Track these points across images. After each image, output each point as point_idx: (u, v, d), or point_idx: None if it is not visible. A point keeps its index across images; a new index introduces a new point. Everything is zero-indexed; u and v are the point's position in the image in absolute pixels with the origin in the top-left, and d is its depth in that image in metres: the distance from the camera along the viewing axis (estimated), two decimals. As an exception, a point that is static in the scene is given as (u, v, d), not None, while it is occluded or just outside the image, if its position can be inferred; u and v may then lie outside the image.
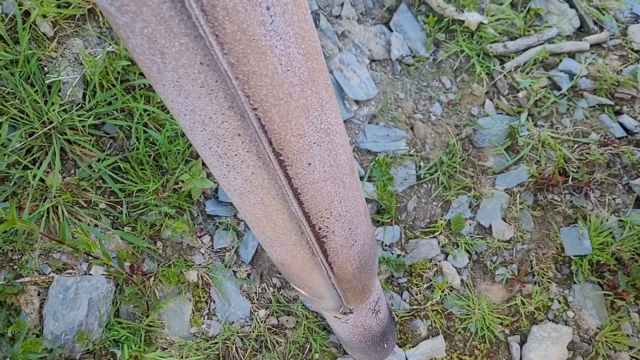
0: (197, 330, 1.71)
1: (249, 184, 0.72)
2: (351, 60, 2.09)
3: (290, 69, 0.59)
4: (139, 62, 0.57)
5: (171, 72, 0.55)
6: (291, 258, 0.92)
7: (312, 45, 0.62)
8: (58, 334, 1.56)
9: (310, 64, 0.62)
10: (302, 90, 0.62)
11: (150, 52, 0.54)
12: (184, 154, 1.76)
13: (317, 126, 0.68)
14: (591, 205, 1.94)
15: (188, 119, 0.63)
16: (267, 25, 0.53)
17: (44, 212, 1.60)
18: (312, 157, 0.71)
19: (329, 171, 0.75)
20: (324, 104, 0.68)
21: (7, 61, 1.58)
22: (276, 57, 0.56)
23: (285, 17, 0.55)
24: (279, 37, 0.55)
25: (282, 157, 0.67)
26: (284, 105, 0.61)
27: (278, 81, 0.58)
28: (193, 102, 0.59)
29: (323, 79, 0.67)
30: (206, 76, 0.55)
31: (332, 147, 0.74)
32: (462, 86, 2.18)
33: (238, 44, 0.52)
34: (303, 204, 0.76)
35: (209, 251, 1.80)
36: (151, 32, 0.51)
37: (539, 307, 1.83)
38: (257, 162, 0.68)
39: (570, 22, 2.28)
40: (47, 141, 1.63)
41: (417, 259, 1.88)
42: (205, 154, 0.70)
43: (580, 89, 2.13)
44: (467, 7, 2.21)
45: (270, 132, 0.63)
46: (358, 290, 1.11)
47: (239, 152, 0.66)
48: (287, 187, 0.72)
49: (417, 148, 2.06)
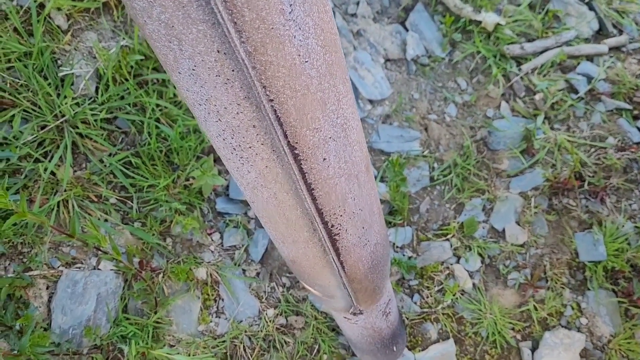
0: (205, 328, 1.69)
1: (262, 177, 0.71)
2: (366, 59, 2.07)
3: (309, 61, 0.57)
4: (155, 49, 0.56)
5: (187, 60, 0.54)
6: (303, 255, 0.91)
7: (330, 38, 0.60)
8: (66, 328, 1.55)
9: (329, 56, 0.61)
10: (319, 82, 0.61)
11: (167, 39, 0.53)
12: (195, 150, 1.75)
13: (334, 120, 0.67)
14: (607, 210, 1.91)
15: (203, 109, 0.61)
16: (287, 14, 0.52)
17: (55, 205, 1.60)
18: (327, 152, 0.69)
19: (344, 167, 0.73)
20: (341, 98, 0.67)
21: (20, 53, 1.58)
22: (294, 48, 0.55)
23: (305, 6, 0.53)
24: (298, 27, 0.54)
25: (297, 150, 0.65)
26: (300, 98, 0.60)
27: (295, 73, 0.57)
28: (209, 91, 0.57)
29: (341, 72, 0.65)
30: (223, 65, 0.53)
31: (348, 142, 0.72)
32: (478, 87, 2.15)
33: (256, 33, 0.51)
34: (316, 200, 0.75)
35: (218, 249, 1.79)
36: (169, 17, 0.50)
37: (552, 313, 1.80)
38: (272, 155, 0.66)
39: (589, 24, 2.25)
40: (59, 134, 1.62)
41: (428, 262, 1.85)
42: (219, 146, 0.69)
43: (598, 93, 2.10)
44: (484, 7, 2.19)
45: (285, 125, 0.61)
46: (369, 291, 1.09)
47: (254, 144, 0.64)
48: (301, 181, 0.71)
49: (431, 149, 2.04)
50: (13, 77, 1.58)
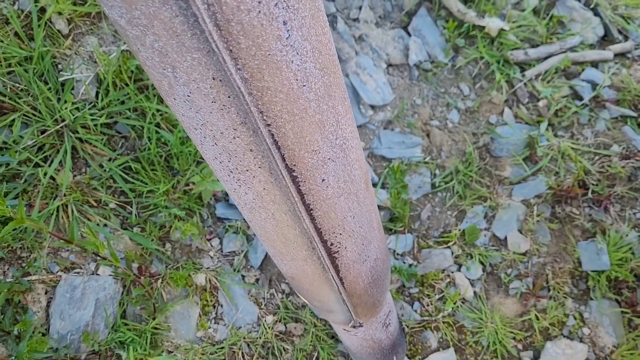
0: (204, 335, 1.69)
1: (260, 199, 0.70)
2: (368, 64, 2.06)
3: (307, 85, 0.56)
4: (149, 74, 0.55)
5: (182, 87, 0.53)
6: (301, 272, 0.90)
7: (329, 59, 0.59)
8: (64, 333, 1.55)
9: (327, 78, 0.60)
10: (317, 105, 0.60)
11: (161, 66, 0.52)
12: (195, 155, 1.74)
13: (333, 142, 0.66)
14: (611, 219, 1.89)
15: (199, 133, 0.61)
16: (284, 40, 0.51)
17: (54, 210, 1.59)
18: (326, 173, 0.68)
19: (343, 187, 0.73)
20: (340, 118, 0.66)
21: (21, 58, 1.58)
22: (292, 73, 0.54)
23: (303, 31, 0.52)
24: (295, 52, 0.53)
25: (295, 173, 0.65)
26: (298, 121, 0.59)
27: (293, 97, 0.56)
28: (204, 117, 0.57)
29: (340, 93, 0.64)
30: (218, 91, 0.53)
31: (347, 162, 0.71)
32: (481, 93, 2.14)
33: (252, 60, 0.50)
34: (315, 220, 0.74)
35: (217, 254, 1.78)
36: (162, 46, 0.49)
37: (554, 322, 1.78)
38: (269, 178, 0.65)
39: (594, 30, 2.23)
40: (58, 139, 1.62)
41: (429, 269, 1.84)
42: (215, 168, 0.68)
43: (602, 100, 2.08)
44: (488, 12, 2.17)
45: (283, 148, 0.61)
46: (369, 305, 1.08)
47: (251, 167, 0.64)
48: (300, 203, 0.70)
49: (433, 155, 2.02)
50: (13, 81, 1.58)
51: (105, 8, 0.49)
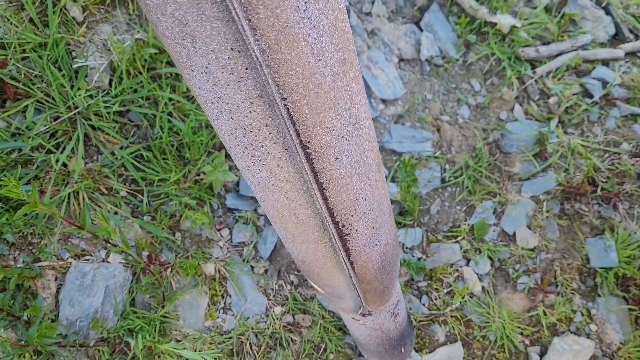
0: (212, 324, 1.69)
1: (273, 176, 0.70)
2: (380, 58, 2.06)
3: (322, 59, 0.57)
4: (168, 46, 0.55)
5: (201, 58, 0.54)
6: (312, 255, 0.90)
7: (344, 36, 0.60)
8: (73, 320, 1.55)
9: (342, 54, 0.60)
10: (332, 81, 0.60)
11: (180, 36, 0.52)
12: (207, 145, 1.75)
13: (346, 120, 0.66)
14: (619, 216, 1.89)
15: (215, 107, 0.61)
16: (301, 11, 0.51)
17: (65, 197, 1.60)
18: (339, 152, 0.68)
19: (355, 167, 0.73)
20: (354, 97, 0.66)
21: (36, 44, 1.58)
22: (308, 46, 0.54)
23: (320, 4, 0.53)
24: (312, 24, 0.53)
25: (309, 150, 0.65)
26: (313, 96, 0.59)
27: (309, 71, 0.56)
28: (221, 89, 0.57)
29: (354, 71, 0.65)
30: (236, 62, 0.53)
31: (360, 142, 0.71)
32: (492, 90, 2.14)
33: (271, 30, 0.50)
34: (328, 200, 0.74)
35: (227, 245, 1.78)
36: (183, 14, 0.49)
37: (561, 318, 1.79)
38: (284, 155, 0.66)
39: (605, 29, 2.23)
40: (71, 126, 1.62)
41: (438, 263, 1.84)
42: (230, 144, 0.68)
43: (613, 98, 2.08)
44: (500, 9, 2.17)
45: (298, 124, 0.61)
46: (379, 292, 1.09)
47: (266, 143, 0.64)
48: (313, 181, 0.70)
49: (443, 150, 2.02)
50: (27, 67, 1.58)
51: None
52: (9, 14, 1.56)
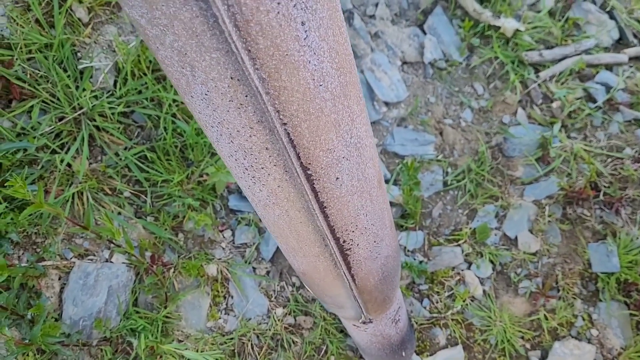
0: (214, 325, 1.70)
1: (274, 196, 0.71)
2: (383, 61, 2.07)
3: (323, 84, 0.57)
4: (167, 73, 0.56)
5: (200, 85, 0.54)
6: (313, 269, 0.91)
7: (345, 59, 0.60)
8: (76, 319, 1.56)
9: (343, 77, 0.60)
10: (333, 105, 0.60)
11: (179, 65, 0.52)
12: (210, 147, 1.75)
13: (347, 140, 0.66)
14: (621, 222, 1.89)
15: (215, 130, 0.61)
16: (302, 40, 0.51)
17: (69, 197, 1.61)
18: (340, 172, 0.69)
19: (356, 185, 0.73)
20: (355, 117, 0.66)
21: (41, 45, 1.59)
22: (309, 73, 0.54)
23: (320, 31, 0.53)
24: (312, 52, 0.53)
25: (310, 171, 0.65)
26: (314, 120, 0.59)
27: (310, 96, 0.56)
28: (221, 115, 0.57)
29: (355, 92, 0.65)
30: (236, 90, 0.53)
31: (361, 160, 0.72)
32: (495, 93, 2.14)
33: (270, 60, 0.50)
34: (328, 218, 0.75)
35: (229, 246, 1.79)
36: (182, 45, 0.49)
37: (563, 323, 1.79)
38: (284, 176, 0.66)
39: (609, 33, 2.23)
40: (76, 126, 1.63)
41: (439, 267, 1.85)
42: (231, 165, 0.68)
43: (616, 103, 2.08)
44: (503, 13, 2.17)
45: (299, 147, 0.61)
46: (379, 302, 1.09)
47: (266, 165, 0.64)
48: (314, 201, 0.70)
49: (445, 154, 2.03)
50: (33, 68, 1.59)
51: (125, 7, 0.49)
52: (16, 14, 1.57)
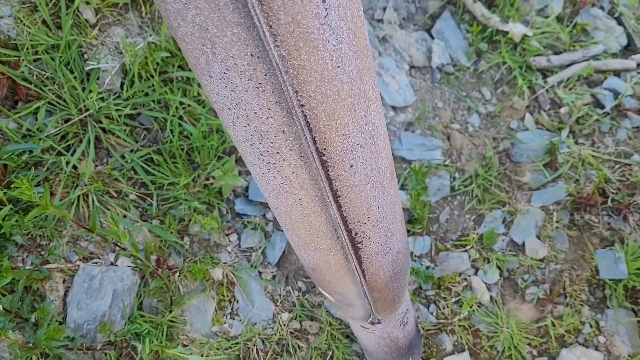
0: (219, 329, 1.68)
1: (288, 183, 0.70)
2: (391, 65, 2.06)
3: (341, 66, 0.57)
4: (186, 52, 0.55)
5: (220, 64, 0.53)
6: (324, 263, 0.90)
7: (362, 43, 0.60)
8: (80, 323, 1.55)
9: (360, 61, 0.60)
10: (350, 88, 0.60)
11: (200, 42, 0.52)
12: (217, 149, 1.74)
13: (362, 127, 0.66)
14: (629, 228, 1.88)
15: (232, 113, 0.61)
16: (322, 18, 0.51)
17: (75, 199, 1.59)
18: (354, 159, 0.68)
19: (370, 174, 0.73)
20: (370, 104, 0.66)
21: (48, 46, 1.58)
22: (327, 53, 0.54)
23: (340, 11, 0.53)
24: (332, 31, 0.53)
25: (325, 157, 0.65)
26: (331, 103, 0.59)
27: (327, 78, 0.56)
28: (239, 95, 0.57)
29: (371, 78, 0.65)
30: (255, 69, 0.53)
31: (375, 149, 0.71)
32: (502, 98, 2.13)
33: (291, 36, 0.50)
34: (342, 207, 0.74)
35: (235, 250, 1.78)
36: (203, 20, 0.49)
37: (570, 329, 1.77)
38: (299, 162, 0.66)
39: (618, 39, 2.22)
40: (82, 128, 1.62)
41: (446, 272, 1.83)
42: (245, 151, 0.68)
43: (624, 109, 2.07)
44: (512, 18, 2.16)
45: (315, 130, 0.61)
46: (389, 300, 1.08)
47: (282, 150, 0.64)
48: (327, 188, 0.70)
49: (453, 159, 2.02)
50: (40, 69, 1.58)
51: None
52: (22, 15, 1.56)
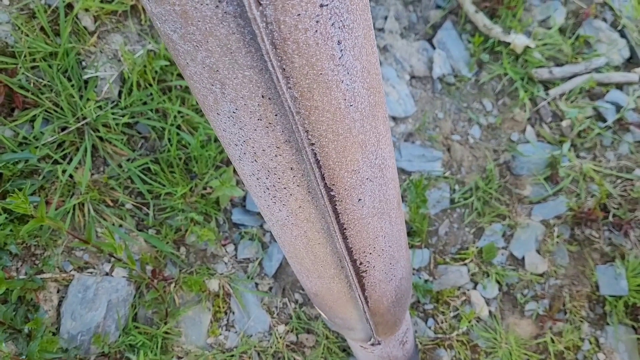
0: (214, 341, 1.66)
1: (294, 216, 0.69)
2: (391, 74, 2.04)
3: (353, 104, 0.56)
4: (194, 89, 0.54)
5: (229, 103, 0.52)
6: (326, 290, 0.89)
7: (375, 79, 0.58)
8: (74, 334, 1.53)
9: (372, 97, 0.59)
10: (362, 125, 0.59)
11: (209, 82, 0.51)
12: (215, 159, 1.73)
13: (372, 161, 0.65)
14: (630, 244, 1.86)
15: (239, 149, 0.59)
16: (336, 59, 0.50)
17: (70, 208, 1.57)
18: (363, 193, 0.67)
19: (377, 206, 0.72)
20: (381, 138, 0.65)
21: (46, 53, 1.56)
22: (341, 92, 0.53)
23: (355, 51, 0.52)
24: (346, 71, 0.52)
25: (333, 192, 0.64)
26: (342, 141, 0.58)
27: (339, 117, 0.55)
28: (247, 133, 0.56)
29: (382, 112, 0.64)
30: (266, 109, 0.52)
31: (384, 182, 0.70)
32: (504, 110, 2.11)
33: (304, 79, 0.49)
34: (347, 239, 0.73)
35: (232, 260, 1.76)
36: (214, 62, 0.48)
37: (569, 346, 1.76)
38: (306, 197, 0.64)
39: (620, 52, 2.20)
40: (79, 137, 1.60)
41: (445, 286, 1.81)
42: (251, 184, 0.67)
43: (626, 123, 2.05)
44: (514, 29, 2.15)
45: (324, 168, 0.60)
46: (390, 324, 1.07)
47: (289, 185, 0.63)
48: (334, 222, 0.69)
49: (453, 170, 2.00)
50: (37, 76, 1.56)
51: (157, 22, 0.47)
52: (21, 22, 1.54)
